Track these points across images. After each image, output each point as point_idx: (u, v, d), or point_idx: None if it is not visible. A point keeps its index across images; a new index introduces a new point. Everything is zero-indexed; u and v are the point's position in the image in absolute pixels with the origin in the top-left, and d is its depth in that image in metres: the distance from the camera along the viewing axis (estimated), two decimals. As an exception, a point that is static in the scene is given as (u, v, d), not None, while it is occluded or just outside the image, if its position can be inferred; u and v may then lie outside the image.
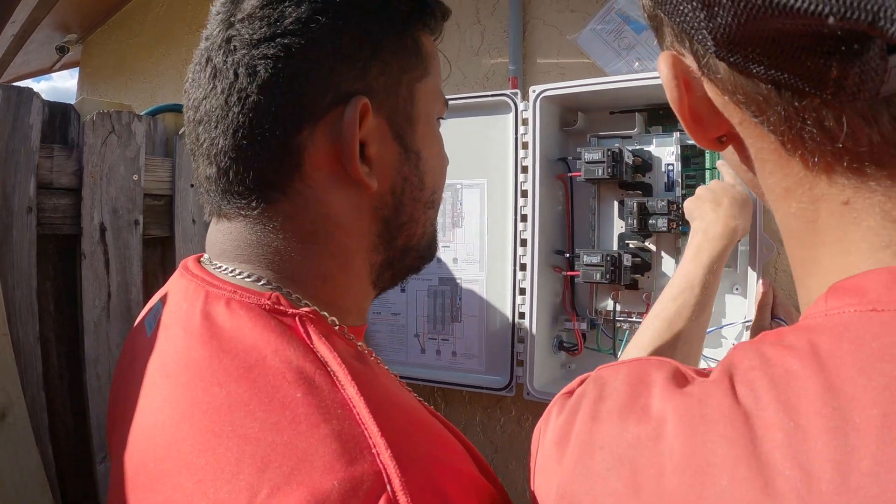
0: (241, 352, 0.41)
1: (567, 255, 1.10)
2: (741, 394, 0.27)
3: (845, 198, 0.29)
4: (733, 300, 0.98)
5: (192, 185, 1.27)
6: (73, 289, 1.12)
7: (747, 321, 0.93)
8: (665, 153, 1.02)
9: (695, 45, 0.32)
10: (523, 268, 1.07)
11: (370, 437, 0.36)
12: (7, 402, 0.95)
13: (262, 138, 0.45)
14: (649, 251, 1.03)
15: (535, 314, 1.05)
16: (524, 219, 1.07)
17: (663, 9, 0.30)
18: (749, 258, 0.92)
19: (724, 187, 0.85)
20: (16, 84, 1.51)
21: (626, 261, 1.00)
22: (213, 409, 0.39)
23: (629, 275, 1.00)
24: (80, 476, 1.12)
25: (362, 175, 0.47)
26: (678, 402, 0.30)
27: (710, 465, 0.26)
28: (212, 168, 0.47)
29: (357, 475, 0.35)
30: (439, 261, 1.18)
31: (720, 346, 0.99)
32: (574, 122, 1.10)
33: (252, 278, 0.47)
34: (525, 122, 1.07)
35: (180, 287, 0.50)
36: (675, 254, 1.02)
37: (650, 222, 0.97)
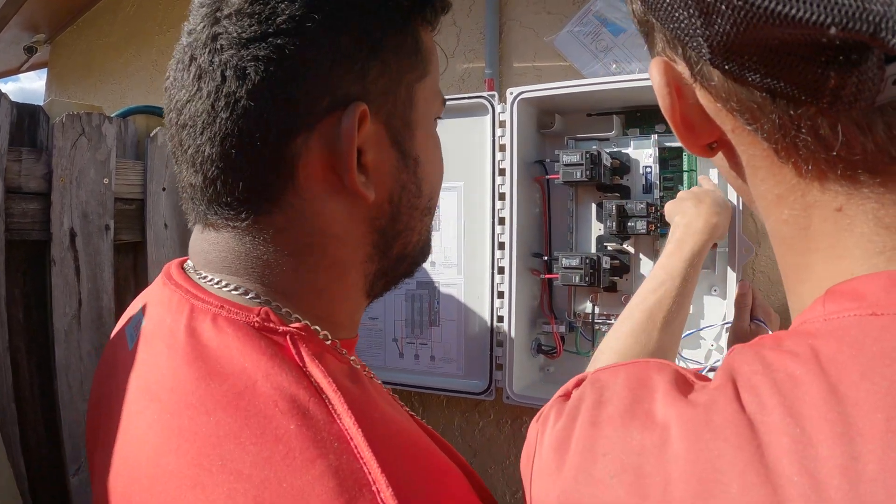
0: (229, 376, 0.39)
1: (545, 258, 1.09)
2: (746, 400, 0.27)
3: (838, 204, 0.30)
4: (712, 301, 0.98)
5: (164, 189, 1.25)
6: (42, 296, 1.10)
7: (726, 322, 0.93)
8: (643, 155, 1.03)
9: (688, 52, 0.31)
10: (501, 271, 1.07)
11: (370, 473, 0.34)
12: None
13: (253, 147, 0.41)
14: (628, 253, 1.03)
15: (514, 317, 1.05)
16: (502, 222, 1.07)
17: (656, 15, 0.30)
18: (728, 259, 0.93)
19: (705, 190, 0.87)
20: (-19, 85, 1.47)
21: (605, 263, 1.00)
22: (201, 439, 0.37)
23: (608, 277, 1.01)
24: (54, 487, 1.09)
25: (359, 186, 0.44)
26: (682, 408, 0.30)
27: (718, 471, 0.26)
28: (197, 177, 0.44)
29: None
30: (418, 264, 1.17)
31: (699, 347, 0.99)
32: (551, 124, 1.10)
33: (240, 291, 0.44)
34: (502, 124, 1.07)
35: (163, 297, 0.47)
36: (654, 256, 1.02)
37: (629, 224, 0.98)
